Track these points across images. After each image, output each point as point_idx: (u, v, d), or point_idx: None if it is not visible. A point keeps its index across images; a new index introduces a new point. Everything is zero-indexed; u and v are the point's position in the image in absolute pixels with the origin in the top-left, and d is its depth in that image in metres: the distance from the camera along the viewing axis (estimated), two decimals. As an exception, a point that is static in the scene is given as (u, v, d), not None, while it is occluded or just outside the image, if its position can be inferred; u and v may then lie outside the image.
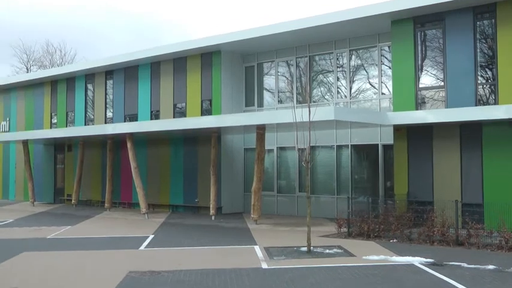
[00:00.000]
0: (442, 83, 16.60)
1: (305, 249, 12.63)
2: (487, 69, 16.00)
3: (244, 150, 22.85)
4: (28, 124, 30.64)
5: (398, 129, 17.28)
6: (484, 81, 15.97)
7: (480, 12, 15.96)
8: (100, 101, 27.13)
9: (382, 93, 19.33)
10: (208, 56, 22.62)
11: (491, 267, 10.58)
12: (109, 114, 26.72)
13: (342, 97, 20.38)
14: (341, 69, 20.46)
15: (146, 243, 14.34)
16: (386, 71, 19.19)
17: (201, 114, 22.54)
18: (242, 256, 12.27)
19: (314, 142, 13.44)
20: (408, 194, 16.66)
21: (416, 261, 11.26)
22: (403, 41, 17.21)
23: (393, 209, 15.41)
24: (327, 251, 12.66)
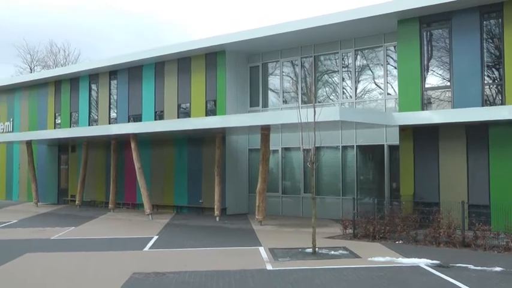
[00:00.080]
0: (448, 83, 16.48)
1: (310, 250, 12.56)
2: (493, 69, 15.87)
3: (248, 151, 22.77)
4: (32, 124, 30.62)
5: (404, 130, 17.17)
6: (491, 82, 15.84)
7: (487, 12, 15.84)
8: (104, 101, 27.11)
9: (387, 93, 19.22)
10: (212, 56, 22.56)
11: (498, 269, 10.48)
12: (113, 114, 26.69)
13: (347, 97, 20.28)
14: (346, 69, 20.37)
15: (150, 244, 14.28)
16: (392, 71, 19.09)
17: (206, 115, 22.47)
18: (247, 257, 12.20)
19: (319, 143, 13.36)
20: (414, 195, 16.55)
21: (422, 262, 11.16)
22: (409, 40, 17.10)
23: (399, 210, 15.30)
24: (332, 252, 12.57)
